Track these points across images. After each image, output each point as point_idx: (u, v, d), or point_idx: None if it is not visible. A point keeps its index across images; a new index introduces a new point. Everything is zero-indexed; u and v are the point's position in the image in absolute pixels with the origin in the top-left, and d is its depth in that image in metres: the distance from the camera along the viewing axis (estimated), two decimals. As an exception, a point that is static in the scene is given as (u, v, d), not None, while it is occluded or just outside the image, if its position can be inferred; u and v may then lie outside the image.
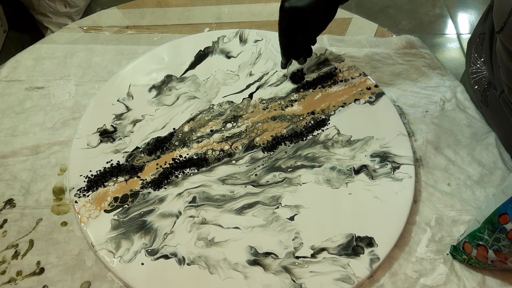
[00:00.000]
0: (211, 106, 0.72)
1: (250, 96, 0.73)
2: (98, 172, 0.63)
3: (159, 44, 0.81)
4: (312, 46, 0.71)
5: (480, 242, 0.53)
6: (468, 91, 0.75)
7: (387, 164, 0.64)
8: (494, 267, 0.54)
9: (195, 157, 0.65)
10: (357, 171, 0.64)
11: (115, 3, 0.90)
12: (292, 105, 0.72)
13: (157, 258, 0.56)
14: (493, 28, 0.68)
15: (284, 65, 0.71)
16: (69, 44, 0.82)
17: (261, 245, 0.57)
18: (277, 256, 0.56)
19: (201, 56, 0.78)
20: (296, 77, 0.75)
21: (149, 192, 0.62)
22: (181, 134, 0.68)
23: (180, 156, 0.65)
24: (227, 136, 0.68)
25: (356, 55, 0.80)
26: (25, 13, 1.71)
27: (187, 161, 0.65)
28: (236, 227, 0.58)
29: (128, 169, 0.64)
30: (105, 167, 0.64)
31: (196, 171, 0.64)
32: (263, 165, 0.65)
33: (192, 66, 0.77)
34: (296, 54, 0.70)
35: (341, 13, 0.89)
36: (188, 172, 0.64)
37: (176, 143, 0.67)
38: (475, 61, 0.73)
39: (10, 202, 0.62)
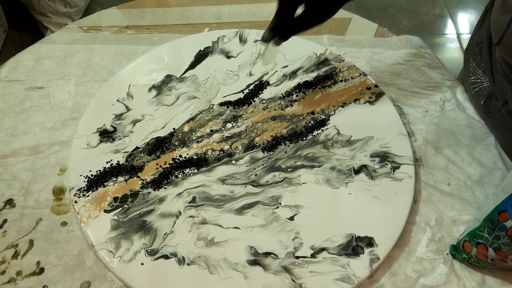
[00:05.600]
0: (211, 106, 0.72)
1: (250, 96, 0.73)
2: (98, 172, 0.63)
3: (159, 44, 0.81)
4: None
5: (480, 241, 0.53)
6: (468, 94, 0.74)
7: (387, 164, 0.64)
8: (494, 265, 0.54)
9: (195, 157, 0.65)
10: (357, 171, 0.64)
11: (115, 3, 0.90)
12: (292, 105, 0.72)
13: (157, 258, 0.56)
14: (491, 38, 0.66)
15: (266, 39, 0.59)
16: (69, 44, 0.82)
17: (261, 245, 0.57)
18: (277, 256, 0.56)
19: (201, 56, 0.78)
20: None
21: (149, 192, 0.62)
22: (181, 134, 0.68)
23: (180, 156, 0.65)
24: (227, 136, 0.68)
25: (356, 55, 0.80)
26: (25, 13, 1.71)
27: (187, 161, 0.65)
28: (236, 227, 0.58)
29: (128, 169, 0.64)
30: (105, 167, 0.64)
31: (196, 171, 0.64)
32: (263, 165, 0.65)
33: (192, 66, 0.77)
34: (288, 32, 0.58)
35: (341, 13, 0.88)
36: (188, 172, 0.64)
37: (176, 143, 0.67)
38: (474, 71, 0.71)
39: (10, 202, 0.62)
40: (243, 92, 0.73)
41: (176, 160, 0.65)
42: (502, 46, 0.55)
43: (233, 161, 0.65)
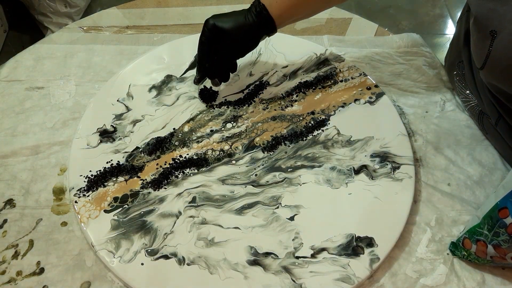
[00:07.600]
0: (211, 106, 0.72)
1: (250, 96, 0.73)
2: (98, 172, 0.63)
3: (159, 44, 0.81)
4: (230, 73, 0.70)
5: (480, 238, 0.53)
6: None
7: (387, 164, 0.64)
8: (493, 263, 0.54)
9: (195, 157, 0.65)
10: (357, 171, 0.64)
11: (115, 3, 0.90)
12: (292, 105, 0.72)
13: (157, 258, 0.56)
14: (470, 57, 0.66)
15: (197, 81, 0.69)
16: (69, 44, 0.82)
17: (261, 245, 0.57)
18: (277, 256, 0.56)
19: (201, 56, 0.78)
20: (204, 94, 0.72)
21: (149, 192, 0.62)
22: (181, 134, 0.68)
23: (180, 156, 0.65)
24: (227, 136, 0.68)
25: (356, 55, 0.80)
26: (25, 13, 1.71)
27: (187, 161, 0.65)
28: (236, 227, 0.58)
29: (128, 169, 0.64)
30: (105, 167, 0.64)
31: (196, 171, 0.64)
32: (263, 165, 0.64)
33: (192, 66, 0.77)
34: (211, 73, 0.68)
35: (341, 13, 0.89)
36: (188, 172, 0.64)
37: (176, 143, 0.67)
38: (461, 91, 0.72)
39: (10, 202, 0.62)
40: (243, 92, 0.73)
41: (176, 160, 0.65)
42: (487, 71, 0.55)
43: (233, 161, 0.65)
